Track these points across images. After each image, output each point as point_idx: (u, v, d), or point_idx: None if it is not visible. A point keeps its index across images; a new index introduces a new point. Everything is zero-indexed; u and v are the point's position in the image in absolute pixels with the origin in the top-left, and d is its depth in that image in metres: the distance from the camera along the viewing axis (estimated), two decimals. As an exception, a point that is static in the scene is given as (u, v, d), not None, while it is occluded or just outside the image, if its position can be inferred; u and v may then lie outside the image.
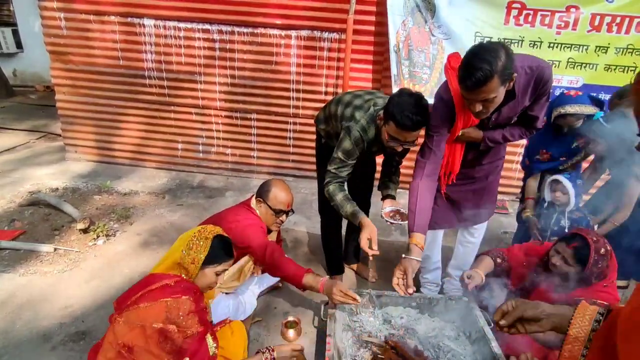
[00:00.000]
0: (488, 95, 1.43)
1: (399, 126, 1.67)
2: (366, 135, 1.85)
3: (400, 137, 1.73)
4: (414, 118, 1.64)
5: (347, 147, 1.86)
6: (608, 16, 3.16)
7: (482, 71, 1.36)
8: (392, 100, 1.70)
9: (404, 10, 3.27)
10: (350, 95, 2.01)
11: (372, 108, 1.87)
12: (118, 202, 3.43)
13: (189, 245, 1.36)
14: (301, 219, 3.34)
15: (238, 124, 3.96)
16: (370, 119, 1.85)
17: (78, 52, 3.78)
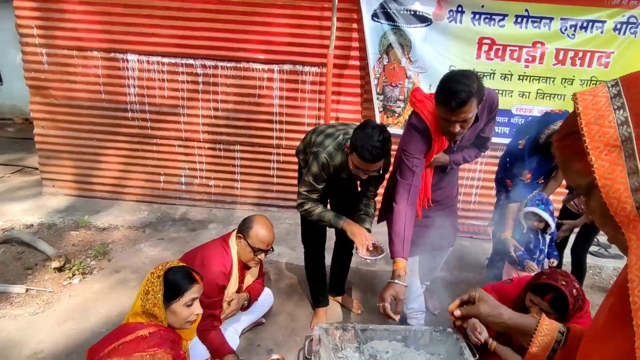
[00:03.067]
0: (467, 115, 1.58)
1: (361, 158, 1.76)
2: (332, 161, 1.93)
3: (363, 167, 1.81)
4: (374, 152, 1.73)
5: (314, 171, 1.94)
6: (571, 51, 3.38)
7: (464, 92, 1.52)
8: (357, 133, 1.78)
9: (380, 48, 3.43)
10: (325, 126, 2.15)
11: (341, 136, 1.97)
12: (96, 237, 3.33)
13: (146, 289, 1.33)
14: (285, 250, 3.30)
15: (221, 155, 3.96)
16: (338, 146, 1.94)
17: (59, 86, 3.77)
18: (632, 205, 0.52)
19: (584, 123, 0.56)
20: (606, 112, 0.54)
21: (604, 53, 3.36)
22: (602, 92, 0.57)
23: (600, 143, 0.54)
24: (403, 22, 3.35)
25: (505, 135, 3.59)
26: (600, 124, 0.54)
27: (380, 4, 3.33)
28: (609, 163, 0.54)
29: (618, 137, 0.53)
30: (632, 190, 0.52)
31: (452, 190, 2.16)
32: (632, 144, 0.52)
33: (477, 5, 3.28)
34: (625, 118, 0.53)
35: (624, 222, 0.53)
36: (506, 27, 3.34)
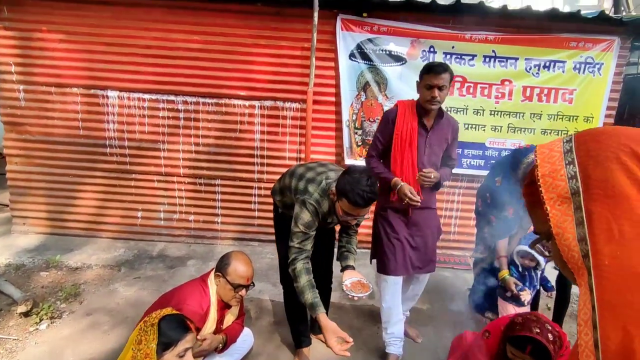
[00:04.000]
0: (445, 82, 2.06)
1: (352, 203, 1.75)
2: (320, 208, 1.91)
3: (353, 212, 1.81)
4: (366, 196, 1.73)
5: (306, 219, 1.89)
6: (537, 88, 3.60)
7: (443, 64, 2.09)
8: (343, 179, 1.78)
9: (357, 85, 3.56)
10: (303, 168, 2.08)
11: (324, 181, 1.93)
12: (67, 278, 3.18)
13: (138, 339, 1.27)
14: (266, 287, 3.23)
15: (202, 190, 3.93)
16: (323, 192, 1.91)
17: (35, 122, 3.72)
18: (579, 253, 0.55)
19: (540, 175, 0.60)
20: (559, 167, 0.59)
21: (567, 90, 3.59)
22: (557, 147, 0.61)
23: (554, 194, 0.58)
24: (379, 61, 3.51)
25: (480, 167, 3.72)
26: (554, 177, 0.59)
27: (357, 44, 3.49)
28: (561, 213, 0.57)
29: (568, 190, 0.57)
30: (578, 240, 0.55)
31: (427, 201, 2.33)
32: (579, 198, 0.56)
33: (448, 47, 3.49)
34: (575, 173, 0.57)
35: (574, 268, 0.57)
36: (476, 66, 3.54)
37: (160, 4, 3.47)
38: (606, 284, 0.52)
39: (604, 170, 0.54)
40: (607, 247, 0.52)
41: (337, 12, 3.46)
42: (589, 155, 0.57)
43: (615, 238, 0.52)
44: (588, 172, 0.56)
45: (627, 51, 3.63)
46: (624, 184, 0.52)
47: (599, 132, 0.60)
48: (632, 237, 0.51)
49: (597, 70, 3.54)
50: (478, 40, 3.47)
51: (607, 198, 0.53)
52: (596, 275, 0.52)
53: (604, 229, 0.53)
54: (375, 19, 3.46)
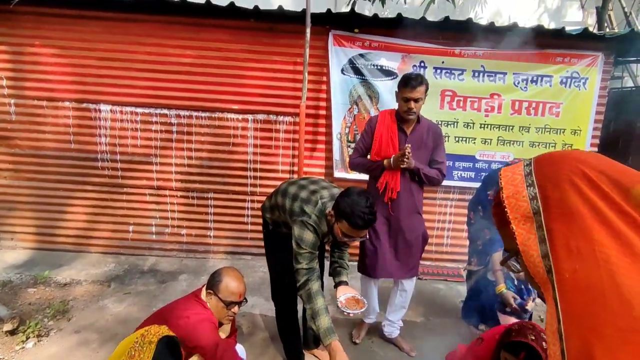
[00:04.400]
0: (421, 95, 2.22)
1: (352, 226, 1.74)
2: (319, 229, 1.90)
3: (353, 234, 1.80)
4: (366, 218, 1.72)
5: (311, 239, 1.87)
6: (525, 102, 3.68)
7: (420, 77, 2.24)
8: (343, 201, 1.77)
9: (350, 99, 3.61)
10: (295, 187, 2.04)
11: (319, 202, 1.91)
12: (55, 294, 3.12)
13: (131, 353, 1.25)
14: (259, 301, 3.19)
15: (194, 203, 3.90)
16: (320, 213, 1.89)
17: (26, 136, 3.69)
18: (543, 269, 0.59)
19: (505, 196, 0.65)
20: (520, 188, 0.64)
21: (554, 104, 3.67)
22: (518, 170, 0.66)
23: (518, 214, 0.63)
24: (370, 76, 3.57)
25: (471, 179, 3.76)
26: (517, 198, 0.63)
27: (349, 59, 3.55)
28: (525, 232, 0.61)
29: (530, 210, 0.61)
30: (542, 256, 0.59)
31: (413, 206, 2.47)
32: (540, 217, 0.60)
33: (438, 62, 3.56)
34: (535, 194, 0.62)
35: (541, 283, 0.61)
36: (465, 81, 3.61)
37: (155, 19, 3.50)
38: (568, 296, 0.55)
39: (560, 191, 0.59)
40: (567, 262, 0.56)
41: (329, 28, 3.52)
42: (546, 178, 0.61)
43: (573, 253, 0.55)
44: (546, 193, 0.60)
45: (610, 66, 3.74)
46: (577, 204, 0.57)
47: (555, 156, 0.65)
48: (588, 252, 0.54)
49: (583, 84, 3.63)
50: (467, 55, 3.56)
51: (564, 217, 0.57)
52: (559, 289, 0.56)
53: (563, 246, 0.57)
54: (366, 34, 3.53)
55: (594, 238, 0.54)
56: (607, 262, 0.53)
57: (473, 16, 6.61)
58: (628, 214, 0.54)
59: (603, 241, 0.54)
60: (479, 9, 6.90)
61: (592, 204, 0.56)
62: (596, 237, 0.54)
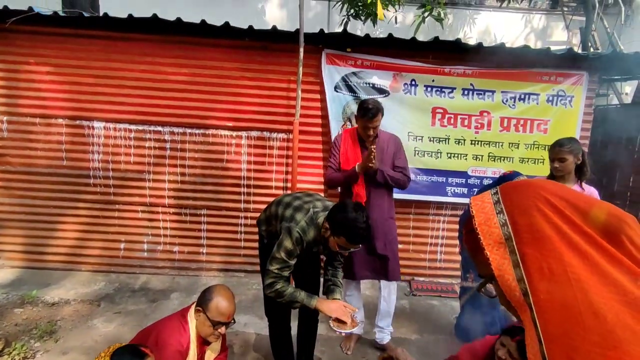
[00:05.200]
0: (378, 122, 2.47)
1: (350, 241, 1.79)
2: (306, 236, 1.91)
3: (349, 247, 1.84)
4: (364, 233, 1.77)
5: (288, 246, 1.90)
6: (514, 119, 3.75)
7: (376, 107, 2.43)
8: (339, 215, 1.80)
9: (343, 116, 3.66)
10: (289, 197, 2.11)
11: (311, 210, 1.95)
12: (43, 314, 3.05)
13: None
14: (252, 320, 3.15)
15: (187, 220, 3.88)
16: (310, 221, 1.93)
17: (17, 153, 3.67)
18: (519, 292, 0.61)
19: (477, 223, 0.67)
20: (491, 216, 0.66)
21: (542, 121, 3.76)
22: (487, 198, 0.69)
23: (491, 240, 0.65)
24: (363, 93, 3.64)
25: (464, 195, 3.80)
26: (489, 225, 0.66)
27: (342, 77, 3.62)
28: (499, 257, 0.64)
29: (502, 236, 0.64)
30: (517, 280, 0.61)
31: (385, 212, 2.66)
32: (512, 242, 0.63)
33: (428, 80, 3.64)
34: (505, 220, 0.65)
35: (517, 306, 0.63)
36: (455, 99, 3.69)
37: (149, 38, 3.55)
38: (546, 317, 0.57)
39: (528, 217, 0.62)
40: (542, 283, 0.58)
41: (322, 47, 3.60)
42: (513, 205, 0.65)
43: (546, 275, 0.58)
44: (515, 219, 0.63)
45: (595, 84, 3.85)
46: (545, 228, 0.60)
47: (519, 184, 0.69)
48: (560, 273, 0.57)
49: (569, 102, 3.73)
50: (456, 74, 3.64)
51: (535, 240, 0.60)
52: (537, 311, 0.58)
53: (536, 268, 0.59)
54: (358, 53, 3.61)
55: (564, 259, 0.57)
56: (578, 281, 0.55)
57: (462, 35, 6.81)
58: (589, 235, 0.58)
59: (572, 262, 0.57)
60: (467, 29, 7.11)
61: (558, 228, 0.59)
62: (566, 259, 0.57)
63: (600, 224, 0.59)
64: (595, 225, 0.59)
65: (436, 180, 3.82)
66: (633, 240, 0.57)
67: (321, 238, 1.92)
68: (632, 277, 0.55)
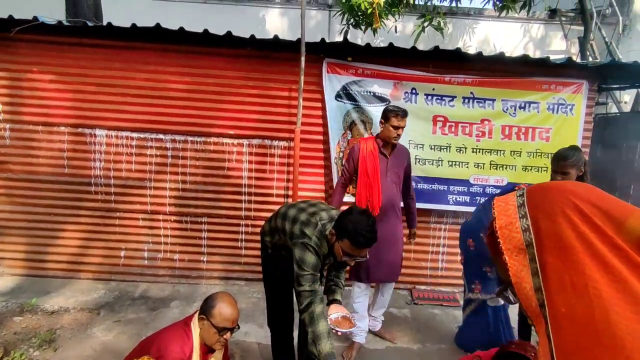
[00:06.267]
0: (404, 123, 2.69)
1: (354, 244, 1.75)
2: (320, 250, 1.89)
3: (354, 253, 1.80)
4: (369, 236, 1.74)
5: (312, 261, 1.87)
6: (515, 127, 3.76)
7: (405, 110, 2.70)
8: (345, 219, 1.78)
9: (344, 125, 3.68)
10: (294, 210, 2.06)
11: (319, 224, 1.92)
12: (42, 323, 3.02)
13: None
14: (252, 328, 3.12)
15: (188, 227, 3.87)
16: (321, 235, 1.90)
17: (19, 161, 3.68)
18: (536, 302, 0.58)
19: (498, 227, 0.64)
20: (513, 219, 0.63)
21: (543, 129, 3.77)
22: (512, 200, 0.65)
23: (511, 245, 0.62)
24: (364, 102, 3.66)
25: (466, 203, 3.80)
26: (510, 229, 0.63)
27: (343, 86, 3.64)
28: (518, 263, 0.60)
29: (523, 242, 0.61)
30: (535, 289, 0.58)
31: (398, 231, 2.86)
32: (533, 249, 0.59)
33: (429, 88, 3.67)
34: (528, 226, 0.61)
35: (533, 316, 0.60)
36: (456, 107, 3.71)
37: (152, 47, 3.59)
38: (562, 332, 0.54)
39: (552, 224, 0.58)
40: (560, 296, 0.55)
41: (323, 56, 3.63)
42: (538, 209, 0.61)
43: (567, 288, 0.54)
44: (539, 224, 0.60)
45: (595, 93, 3.87)
46: (570, 237, 0.56)
47: (547, 187, 0.64)
48: (581, 287, 0.53)
49: (569, 110, 3.75)
50: (457, 82, 3.66)
51: (557, 250, 0.56)
52: (552, 324, 0.55)
53: (556, 279, 0.56)
54: (359, 62, 3.64)
55: (586, 273, 0.53)
56: (599, 297, 0.52)
57: (462, 45, 6.87)
58: (620, 248, 0.53)
59: (595, 276, 0.53)
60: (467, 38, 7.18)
61: (585, 238, 0.55)
62: (588, 272, 0.53)
63: (636, 236, 0.53)
64: (631, 237, 0.53)
65: (437, 189, 3.81)
66: None
67: (329, 249, 1.89)
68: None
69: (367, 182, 2.72)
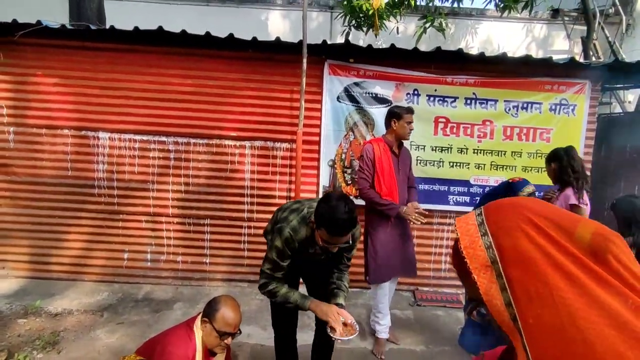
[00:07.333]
0: (412, 119, 2.84)
1: (330, 232, 1.71)
2: (296, 235, 1.87)
3: (332, 241, 1.76)
4: (344, 224, 1.68)
5: (278, 246, 1.88)
6: (516, 128, 3.76)
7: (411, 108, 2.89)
8: (321, 207, 1.73)
9: (346, 126, 3.68)
10: (292, 202, 2.13)
11: (305, 209, 1.92)
12: (46, 325, 3.04)
13: None
14: (255, 330, 3.13)
15: (191, 230, 3.88)
16: (302, 220, 1.89)
17: (23, 164, 3.70)
18: (508, 317, 0.59)
19: (463, 247, 0.65)
20: (476, 238, 0.64)
21: (544, 129, 3.76)
22: (471, 220, 0.67)
23: (477, 264, 0.63)
24: (366, 103, 3.66)
25: (466, 203, 3.79)
26: (474, 248, 0.64)
27: (345, 87, 3.65)
28: (487, 281, 0.61)
29: (488, 259, 0.62)
30: (505, 304, 0.59)
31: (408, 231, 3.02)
32: (498, 265, 0.60)
33: (431, 90, 3.66)
34: (490, 243, 0.62)
35: (508, 331, 0.60)
36: (458, 108, 3.70)
37: (155, 50, 3.60)
38: (535, 343, 0.55)
39: (511, 239, 0.60)
40: (529, 307, 0.56)
41: (324, 58, 3.63)
42: (497, 226, 0.63)
43: (534, 299, 0.56)
44: (499, 241, 0.61)
45: (598, 93, 3.86)
46: (529, 250, 0.58)
47: (502, 204, 0.66)
48: (546, 296, 0.55)
49: (572, 111, 3.73)
50: (459, 83, 3.66)
51: (520, 263, 0.58)
52: (526, 336, 0.56)
53: (523, 292, 0.57)
54: (361, 64, 3.64)
55: (549, 282, 0.55)
56: (565, 305, 0.53)
57: (464, 45, 6.86)
58: (574, 255, 0.56)
59: (558, 284, 0.54)
60: (469, 38, 7.16)
61: (543, 249, 0.57)
62: (551, 281, 0.55)
63: (586, 243, 0.56)
64: (581, 244, 0.56)
65: (438, 189, 3.81)
66: (620, 259, 0.54)
67: (313, 236, 1.87)
68: (622, 299, 0.52)
69: (385, 182, 2.79)
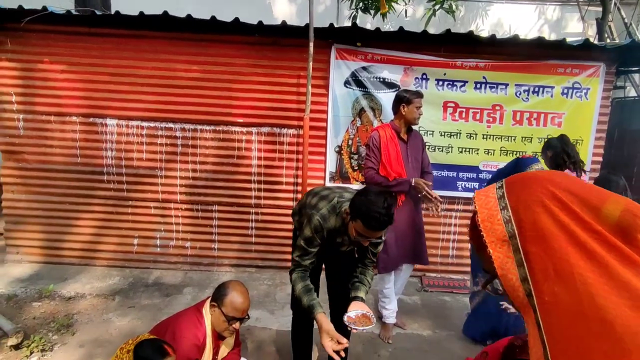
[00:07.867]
0: (421, 104, 2.76)
1: (367, 226, 1.69)
2: (326, 223, 1.86)
3: (367, 234, 1.75)
4: (382, 219, 1.66)
5: (307, 234, 1.88)
6: (527, 112, 3.69)
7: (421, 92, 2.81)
8: (358, 199, 1.72)
9: (353, 111, 3.64)
10: (321, 188, 2.13)
11: (335, 199, 1.91)
12: (60, 308, 3.11)
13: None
14: (264, 315, 3.17)
15: (199, 216, 3.92)
16: (332, 209, 1.88)
17: (33, 151, 3.74)
18: (523, 293, 0.58)
19: (480, 220, 0.64)
20: (494, 212, 0.62)
21: (556, 114, 3.68)
22: (492, 193, 0.65)
23: (494, 238, 0.61)
24: (373, 88, 3.61)
25: (475, 189, 3.74)
26: (492, 221, 0.62)
27: (352, 72, 3.59)
28: (502, 255, 0.60)
29: (506, 234, 0.60)
30: (521, 280, 0.58)
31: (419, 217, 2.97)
32: (516, 240, 0.59)
33: (440, 74, 3.60)
34: (509, 217, 0.61)
35: (521, 307, 0.59)
36: (467, 92, 3.64)
37: (161, 35, 3.58)
38: (550, 320, 0.54)
39: (532, 214, 0.58)
40: (546, 285, 0.55)
41: (331, 42, 3.57)
42: (518, 200, 0.61)
43: (551, 276, 0.54)
44: (519, 215, 0.60)
45: (612, 76, 3.75)
46: (550, 226, 0.56)
47: (525, 177, 0.64)
48: (566, 274, 0.53)
49: (585, 94, 3.65)
50: (469, 67, 3.59)
51: (539, 239, 0.56)
52: (541, 313, 0.55)
53: (541, 268, 0.56)
54: (368, 48, 3.58)
55: (570, 260, 0.53)
56: (585, 283, 0.52)
57: (474, 28, 6.70)
58: (599, 233, 0.54)
59: (579, 262, 0.53)
60: (480, 21, 7.00)
61: (564, 226, 0.55)
62: (572, 259, 0.53)
63: (614, 221, 0.54)
64: (608, 222, 0.54)
65: (447, 175, 3.78)
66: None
67: (343, 227, 1.86)
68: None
69: (393, 169, 2.73)
